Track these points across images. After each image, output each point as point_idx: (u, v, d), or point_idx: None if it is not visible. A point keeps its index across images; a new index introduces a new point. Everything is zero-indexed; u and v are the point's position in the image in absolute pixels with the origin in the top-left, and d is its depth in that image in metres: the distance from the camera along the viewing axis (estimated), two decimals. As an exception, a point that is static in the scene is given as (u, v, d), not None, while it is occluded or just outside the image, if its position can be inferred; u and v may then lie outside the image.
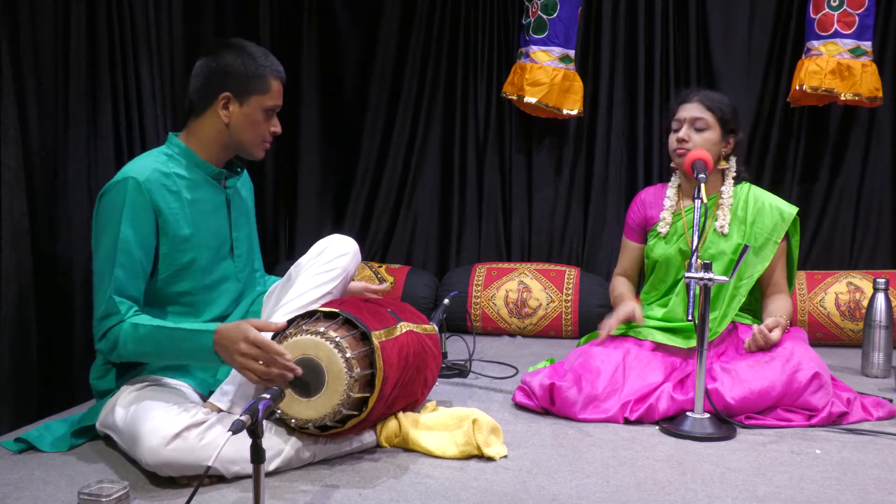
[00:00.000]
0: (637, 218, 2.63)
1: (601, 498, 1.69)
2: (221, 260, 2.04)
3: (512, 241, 3.71)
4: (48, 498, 1.64)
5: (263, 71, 1.95)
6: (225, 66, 1.93)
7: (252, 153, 2.03)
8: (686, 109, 2.46)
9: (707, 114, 2.43)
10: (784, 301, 2.46)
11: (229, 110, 1.94)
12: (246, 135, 1.98)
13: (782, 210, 2.45)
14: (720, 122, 2.44)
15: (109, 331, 1.83)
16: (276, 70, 1.98)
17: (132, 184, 1.85)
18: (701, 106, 2.44)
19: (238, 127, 1.96)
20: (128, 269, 1.85)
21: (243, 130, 1.97)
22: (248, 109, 1.95)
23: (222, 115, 1.94)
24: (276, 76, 1.98)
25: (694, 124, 2.43)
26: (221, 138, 1.98)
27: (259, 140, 2.00)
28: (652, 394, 2.21)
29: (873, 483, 1.78)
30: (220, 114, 1.94)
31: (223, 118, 1.95)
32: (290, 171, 3.80)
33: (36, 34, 2.29)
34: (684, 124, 2.45)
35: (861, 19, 3.14)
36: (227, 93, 1.93)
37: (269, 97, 1.97)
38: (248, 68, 1.94)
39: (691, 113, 2.44)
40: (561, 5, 3.34)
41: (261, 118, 1.97)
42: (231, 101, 1.94)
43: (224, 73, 1.93)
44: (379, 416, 1.92)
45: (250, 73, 1.94)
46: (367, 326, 1.83)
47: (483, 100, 3.67)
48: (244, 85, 1.94)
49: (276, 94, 1.98)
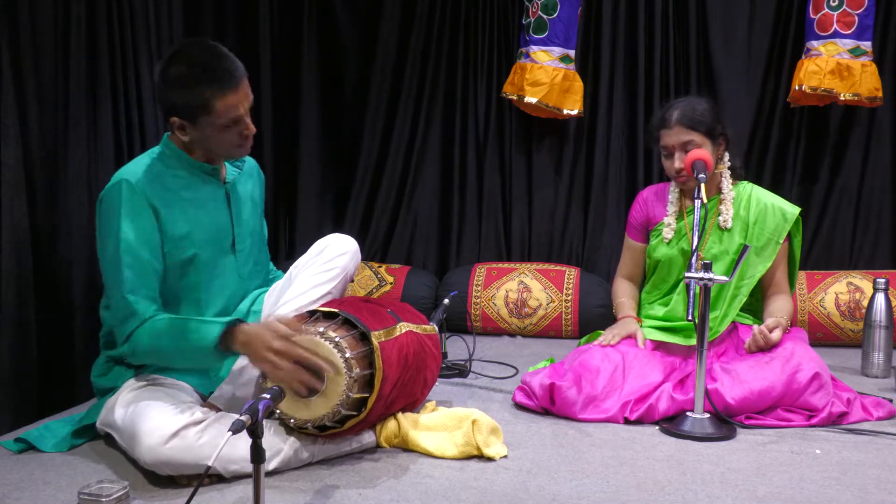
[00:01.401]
0: (639, 217, 2.62)
1: (601, 498, 1.69)
2: (223, 255, 2.03)
3: (512, 241, 3.71)
4: (48, 498, 1.64)
5: (201, 95, 1.82)
6: (167, 89, 1.85)
7: (230, 155, 1.98)
8: (670, 136, 2.40)
9: (693, 134, 2.37)
10: (785, 301, 2.46)
11: (185, 131, 1.89)
12: (213, 144, 1.92)
13: (784, 211, 2.45)
14: (707, 135, 2.38)
15: (133, 333, 1.80)
16: (216, 86, 1.82)
17: (125, 186, 1.85)
18: (683, 128, 2.37)
19: (201, 141, 1.91)
20: (136, 269, 1.83)
21: (208, 142, 1.91)
22: (205, 129, 1.88)
23: (180, 135, 1.90)
24: (217, 92, 1.83)
25: (685, 148, 2.38)
26: (196, 147, 1.94)
27: (232, 146, 1.93)
28: (652, 394, 2.21)
29: (873, 483, 1.78)
30: (177, 133, 1.90)
31: (183, 137, 1.90)
32: (290, 171, 3.80)
33: (36, 34, 2.29)
34: (675, 150, 2.40)
35: (860, 19, 3.14)
36: (175, 118, 1.87)
37: (218, 115, 1.84)
38: (186, 98, 1.83)
39: (678, 138, 2.38)
40: (561, 5, 3.34)
41: (221, 131, 1.88)
42: (185, 125, 1.88)
43: (165, 98, 1.87)
44: (378, 417, 1.92)
45: (189, 102, 1.83)
46: (366, 326, 1.83)
47: (483, 100, 3.67)
48: (188, 111, 1.85)
49: (229, 106, 1.85)
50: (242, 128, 1.90)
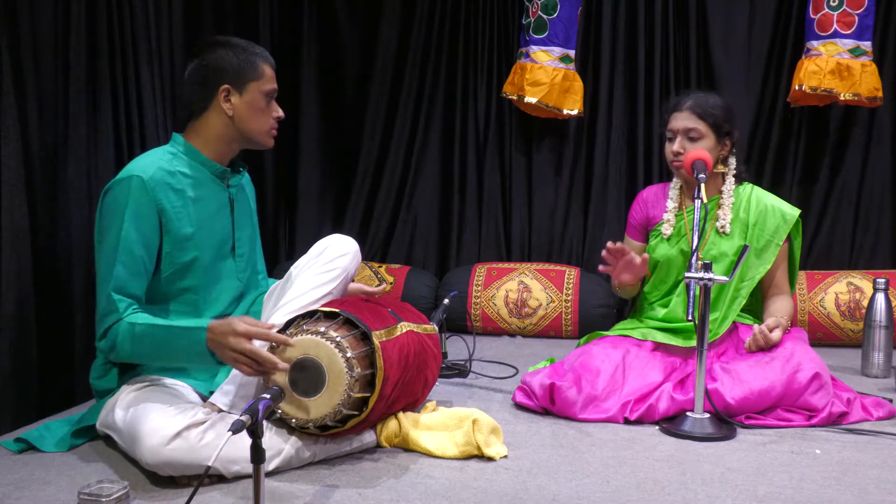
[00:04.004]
0: (639, 217, 2.63)
1: (601, 498, 1.69)
2: (223, 259, 2.04)
3: (512, 240, 3.71)
4: (48, 498, 1.64)
5: (253, 58, 1.99)
6: (217, 61, 1.96)
7: (262, 142, 2.05)
8: (678, 119, 2.42)
9: (699, 123, 2.39)
10: (785, 302, 2.46)
11: (231, 102, 1.97)
12: (252, 123, 2.00)
13: (784, 212, 2.45)
14: (713, 128, 2.40)
15: (109, 329, 1.83)
16: (264, 56, 2.03)
17: (136, 182, 1.85)
18: (692, 115, 2.40)
19: (243, 117, 1.99)
20: (129, 267, 1.84)
21: (249, 119, 1.99)
22: (249, 97, 1.98)
23: (225, 109, 1.97)
24: (266, 61, 2.02)
25: (687, 134, 2.40)
26: (228, 133, 1.99)
27: (267, 127, 2.04)
28: (652, 394, 2.21)
29: (873, 483, 1.78)
30: (223, 108, 1.96)
31: (227, 111, 1.97)
32: (290, 171, 3.80)
33: (36, 34, 2.29)
34: (678, 135, 2.42)
35: (860, 19, 3.14)
36: (225, 85, 1.96)
37: (266, 81, 2.01)
38: (239, 58, 1.97)
39: (683, 123, 2.40)
40: (561, 5, 3.34)
41: (263, 104, 2.00)
42: (231, 93, 1.97)
43: (218, 68, 1.96)
44: (379, 416, 1.92)
45: (242, 62, 1.97)
46: (367, 326, 1.83)
47: (483, 100, 3.67)
48: (239, 75, 1.97)
49: (271, 77, 2.03)
50: (274, 109, 2.04)
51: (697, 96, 2.45)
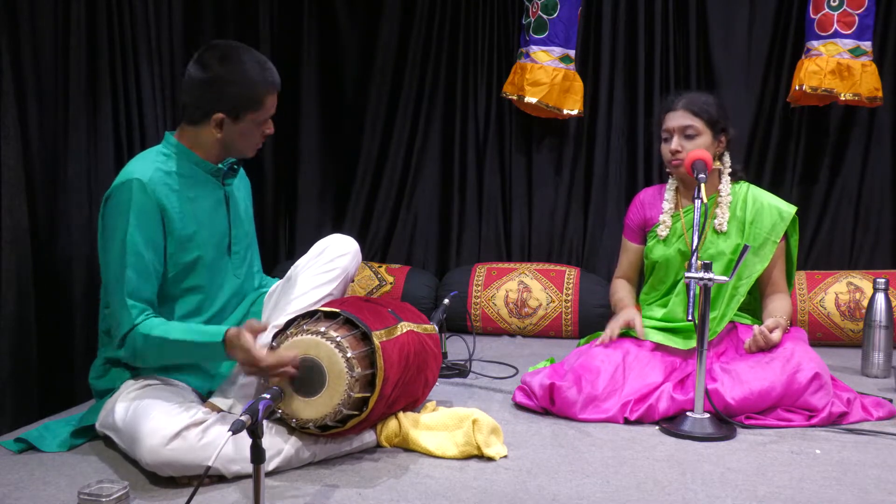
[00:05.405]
0: (636, 219, 2.63)
1: (601, 498, 1.69)
2: (221, 257, 2.04)
3: (512, 240, 3.71)
4: (48, 498, 1.64)
5: (257, 89, 1.91)
6: (218, 84, 1.88)
7: (243, 155, 2.03)
8: (673, 118, 2.43)
9: (695, 120, 2.40)
10: (784, 301, 2.46)
11: (223, 129, 1.92)
12: (239, 144, 1.98)
13: (781, 209, 2.45)
14: (709, 125, 2.41)
15: (126, 338, 1.82)
16: (271, 83, 1.94)
17: (137, 185, 1.85)
18: (687, 113, 2.41)
19: (232, 138, 1.95)
20: (139, 271, 1.84)
21: (237, 141, 1.96)
22: (243, 126, 1.93)
23: (215, 132, 1.93)
24: (270, 91, 1.94)
25: (684, 133, 2.41)
26: (217, 146, 1.97)
27: (252, 146, 2.00)
28: (652, 394, 2.21)
29: (873, 483, 1.78)
30: (212, 131, 1.92)
31: (216, 134, 1.93)
32: (290, 171, 3.80)
33: (36, 34, 2.29)
34: (674, 134, 2.42)
35: (861, 19, 3.14)
36: (220, 114, 1.90)
37: (263, 112, 1.94)
38: (241, 89, 1.89)
39: (679, 122, 2.41)
40: (561, 5, 3.34)
41: (255, 129, 1.96)
42: (225, 122, 1.91)
43: (218, 92, 1.88)
44: (379, 416, 1.92)
45: (244, 92, 1.89)
46: (367, 326, 1.83)
47: (483, 100, 3.67)
48: (238, 106, 1.90)
49: (271, 106, 1.96)
50: (266, 127, 1.99)
51: (690, 95, 2.47)
